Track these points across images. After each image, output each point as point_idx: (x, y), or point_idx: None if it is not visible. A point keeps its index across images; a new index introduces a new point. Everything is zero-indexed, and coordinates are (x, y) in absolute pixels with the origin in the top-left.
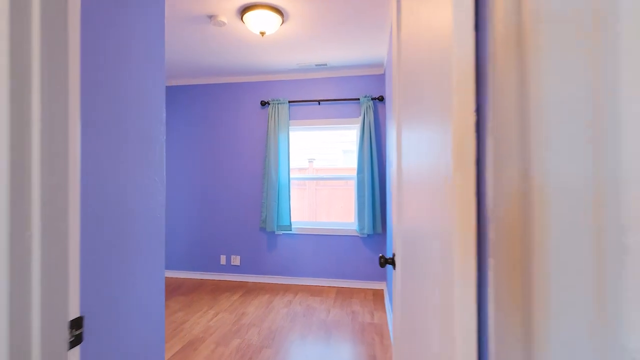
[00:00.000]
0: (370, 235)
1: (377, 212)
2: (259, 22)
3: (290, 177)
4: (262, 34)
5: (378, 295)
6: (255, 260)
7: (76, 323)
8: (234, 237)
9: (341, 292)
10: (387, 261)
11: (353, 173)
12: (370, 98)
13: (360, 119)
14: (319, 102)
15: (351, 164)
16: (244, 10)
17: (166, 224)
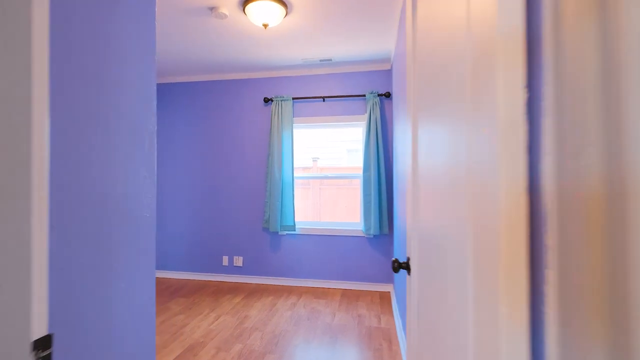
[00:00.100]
0: (376, 236)
1: (383, 212)
2: (262, 13)
3: (294, 176)
4: (265, 26)
5: (385, 298)
6: (258, 261)
7: (43, 343)
8: (237, 237)
9: (346, 295)
10: (401, 266)
11: (358, 172)
12: (376, 94)
13: (366, 116)
14: (323, 98)
15: (356, 163)
16: (246, 1)
17: (167, 224)
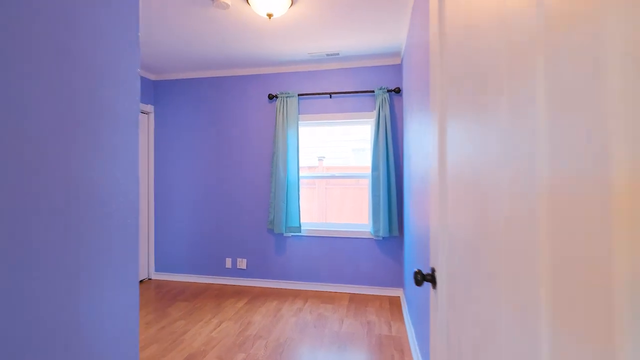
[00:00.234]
0: (385, 238)
1: (393, 213)
2: (266, 2)
3: (300, 175)
4: (270, 17)
5: (395, 304)
6: (263, 264)
7: None
8: (240, 239)
9: (354, 299)
10: (425, 278)
11: (366, 171)
12: (385, 90)
13: (375, 112)
14: (330, 95)
15: (363, 163)
16: None
17: (168, 225)
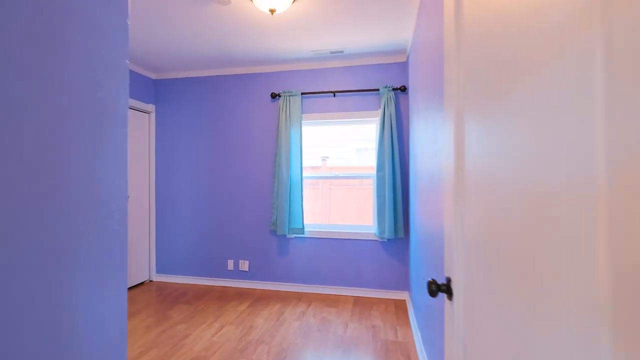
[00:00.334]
0: (391, 240)
1: (399, 215)
2: None
3: (303, 175)
4: (272, 12)
5: (400, 307)
6: (265, 266)
7: None
8: (242, 240)
9: (359, 303)
10: (440, 288)
11: (370, 171)
12: (391, 88)
13: (380, 111)
14: (334, 93)
15: (366, 163)
16: None
17: (170, 226)
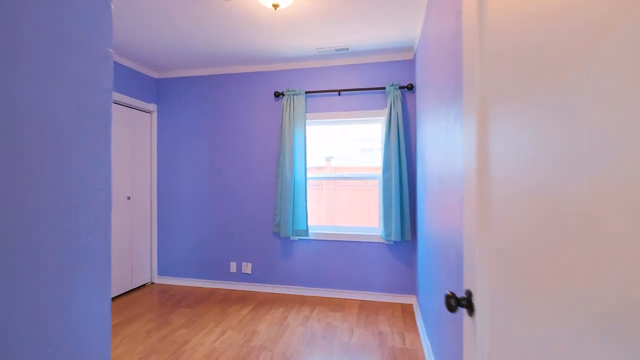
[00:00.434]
0: (397, 243)
1: (405, 217)
2: None
3: (307, 176)
4: (276, 7)
5: (407, 312)
6: (269, 269)
7: None
8: (245, 242)
9: (365, 307)
10: (460, 303)
11: (376, 172)
12: (397, 87)
13: (387, 110)
14: (339, 92)
15: (372, 163)
16: None
17: (172, 227)
